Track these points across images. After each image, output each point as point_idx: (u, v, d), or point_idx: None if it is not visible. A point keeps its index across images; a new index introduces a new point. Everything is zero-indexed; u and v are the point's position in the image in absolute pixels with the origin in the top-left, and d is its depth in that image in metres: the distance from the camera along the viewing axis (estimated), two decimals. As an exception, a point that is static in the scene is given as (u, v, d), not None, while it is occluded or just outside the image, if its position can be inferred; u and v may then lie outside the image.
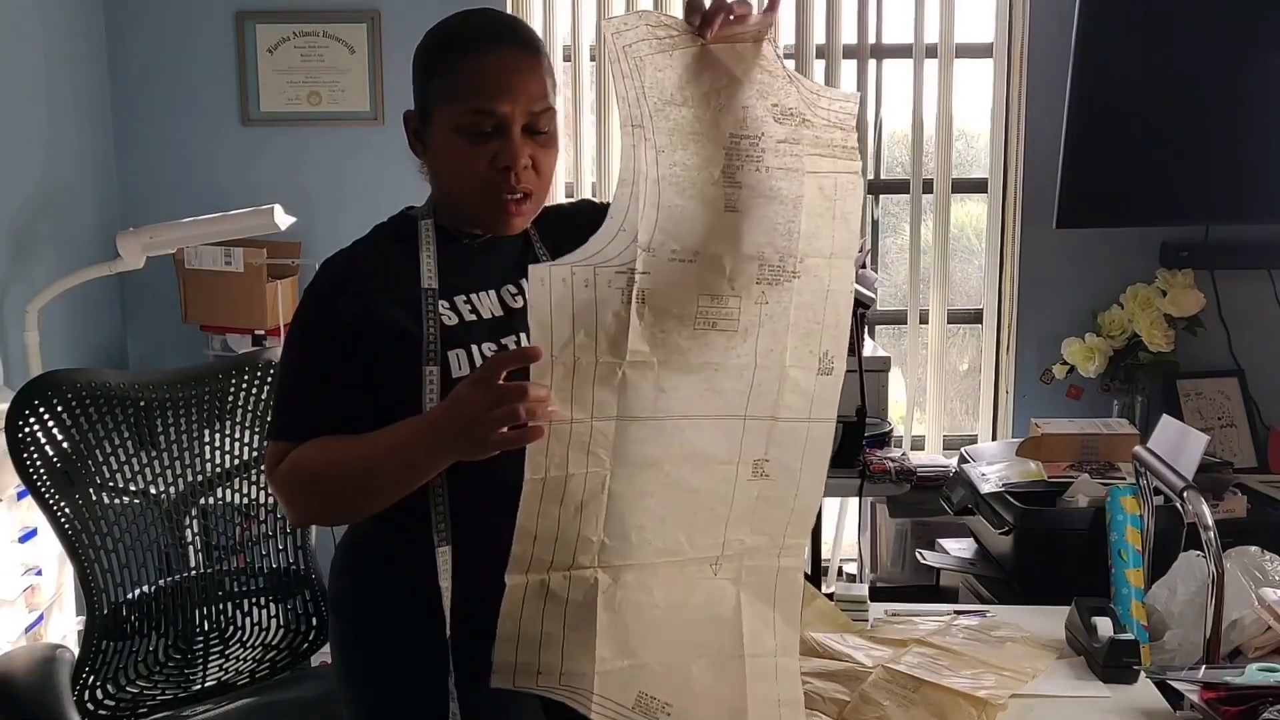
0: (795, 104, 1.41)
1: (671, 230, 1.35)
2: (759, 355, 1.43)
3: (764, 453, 1.47)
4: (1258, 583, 2.02)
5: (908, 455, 3.04)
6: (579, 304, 1.32)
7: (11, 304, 2.96)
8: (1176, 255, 3.43)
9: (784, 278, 1.42)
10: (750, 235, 1.39)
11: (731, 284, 1.39)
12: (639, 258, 1.33)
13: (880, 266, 3.71)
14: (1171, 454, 2.18)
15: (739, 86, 1.37)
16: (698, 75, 1.35)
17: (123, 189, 3.56)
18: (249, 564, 2.26)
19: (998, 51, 3.51)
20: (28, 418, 1.93)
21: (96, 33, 3.47)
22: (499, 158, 1.47)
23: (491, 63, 1.48)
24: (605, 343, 1.33)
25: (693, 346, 1.39)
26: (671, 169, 1.34)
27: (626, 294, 1.33)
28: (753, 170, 1.38)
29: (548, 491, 1.35)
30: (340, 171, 3.52)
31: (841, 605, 2.13)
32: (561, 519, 1.37)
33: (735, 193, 1.37)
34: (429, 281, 1.51)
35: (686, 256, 1.36)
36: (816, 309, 1.46)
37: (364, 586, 1.61)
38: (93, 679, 2.01)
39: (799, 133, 1.41)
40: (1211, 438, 2.83)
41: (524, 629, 1.38)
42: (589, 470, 1.36)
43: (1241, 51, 3.22)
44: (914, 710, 1.77)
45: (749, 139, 1.37)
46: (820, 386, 1.48)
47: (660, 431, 1.39)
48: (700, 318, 1.38)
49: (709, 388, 1.41)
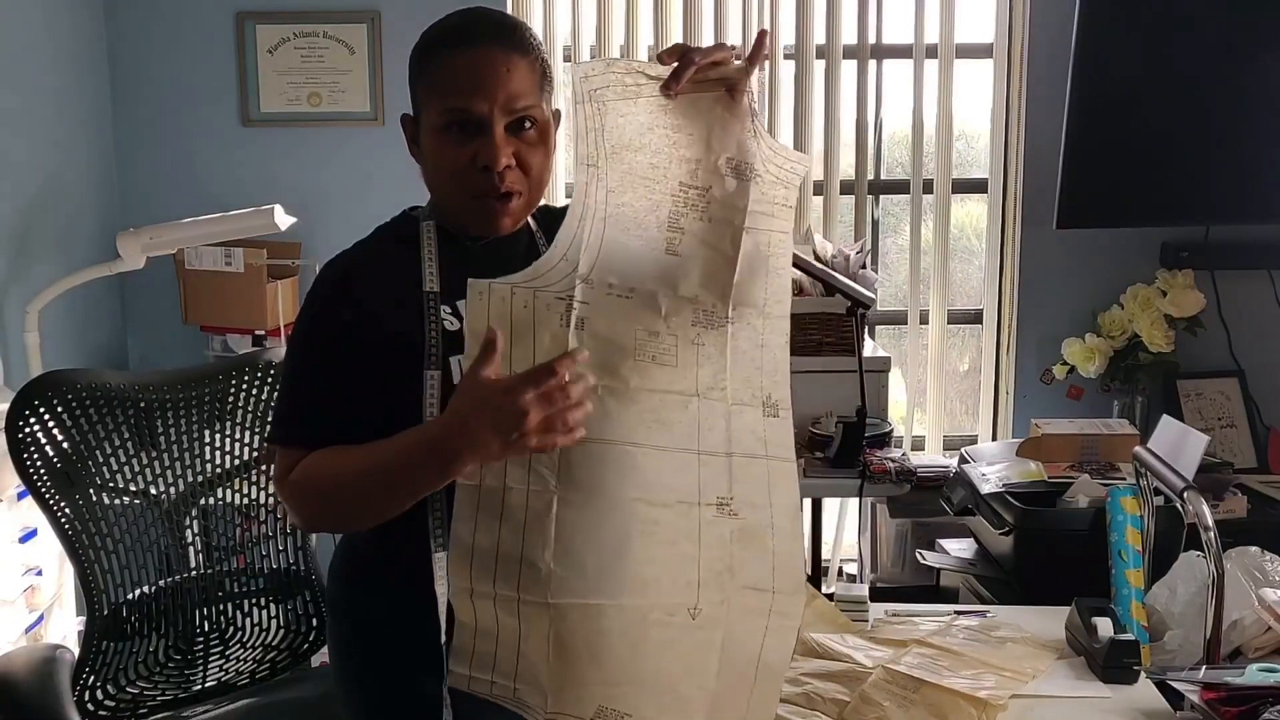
0: (750, 159, 1.44)
1: (610, 266, 1.38)
2: (700, 388, 1.45)
3: (727, 491, 1.47)
4: (1258, 583, 2.02)
5: (908, 455, 3.04)
6: (516, 322, 1.35)
7: (12, 304, 2.96)
8: (1177, 255, 3.44)
9: (717, 323, 1.45)
10: (687, 279, 1.42)
11: (667, 322, 1.42)
12: (578, 287, 1.37)
13: (880, 267, 3.71)
14: (1172, 454, 2.18)
15: (696, 138, 1.41)
16: (658, 124, 1.39)
17: (123, 189, 3.56)
18: (249, 564, 2.26)
19: (998, 52, 3.51)
20: (28, 418, 1.93)
21: (97, 33, 3.47)
22: (479, 157, 1.47)
23: (468, 60, 1.46)
24: (542, 360, 1.34)
25: (633, 375, 1.41)
26: (619, 208, 1.38)
27: (565, 319, 1.37)
28: (696, 219, 1.42)
29: (484, 502, 1.35)
30: (340, 172, 3.52)
31: (841, 606, 2.13)
32: (503, 537, 1.36)
33: (677, 237, 1.42)
34: (430, 285, 1.50)
35: (623, 291, 1.39)
36: (753, 356, 1.49)
37: (361, 589, 1.61)
38: (93, 679, 2.01)
39: (745, 189, 1.44)
40: (1212, 438, 2.83)
41: (478, 647, 1.39)
42: (530, 487, 1.37)
43: (1241, 52, 3.22)
44: (914, 711, 1.77)
45: (697, 190, 1.42)
46: (770, 428, 1.51)
47: (608, 457, 1.39)
48: (639, 350, 1.41)
49: (655, 419, 1.42)
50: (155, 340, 3.57)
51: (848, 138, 3.59)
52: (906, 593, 3.27)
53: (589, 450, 1.37)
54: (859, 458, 2.86)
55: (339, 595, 1.65)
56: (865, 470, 2.85)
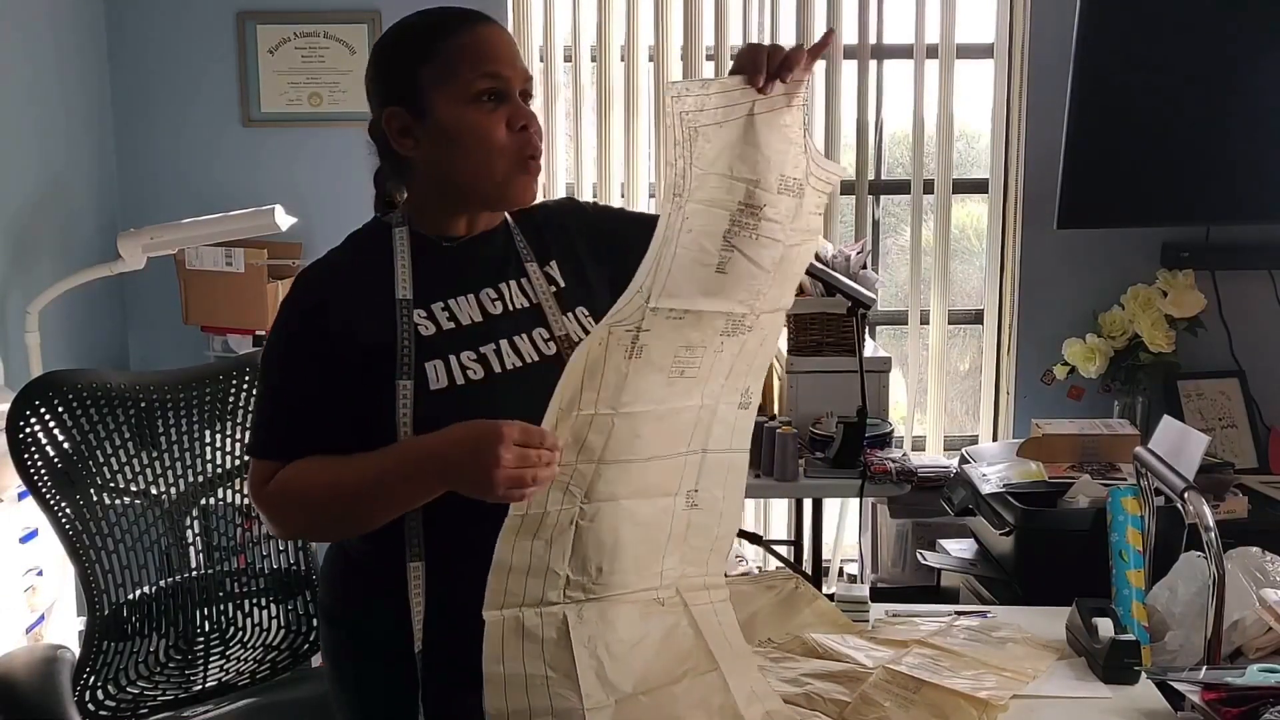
0: (799, 175, 1.44)
1: (672, 290, 1.37)
2: (704, 396, 1.47)
3: (695, 484, 1.51)
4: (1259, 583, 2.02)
5: (908, 456, 3.04)
6: (592, 360, 1.35)
7: (12, 305, 2.96)
8: (1177, 256, 3.44)
9: (742, 331, 1.46)
10: (729, 295, 1.43)
11: (703, 336, 1.43)
12: (646, 316, 1.36)
13: (881, 267, 3.71)
14: (1172, 455, 2.18)
15: (759, 159, 1.39)
16: (731, 147, 1.37)
17: (123, 190, 3.56)
18: (250, 564, 2.26)
19: (998, 52, 3.51)
20: (29, 418, 1.93)
21: (97, 33, 3.47)
22: (513, 120, 1.49)
23: (486, 34, 1.51)
24: (607, 394, 1.36)
25: (667, 394, 1.42)
26: (688, 234, 1.37)
27: (629, 350, 1.36)
28: (747, 237, 1.41)
29: (525, 526, 1.37)
30: (341, 172, 3.51)
31: (842, 606, 2.13)
32: (534, 551, 1.39)
33: (729, 255, 1.41)
34: (403, 292, 1.50)
35: (679, 314, 1.39)
36: (751, 352, 1.51)
37: (346, 595, 1.61)
38: (94, 679, 2.01)
39: (792, 204, 1.44)
40: (1212, 438, 2.83)
41: (508, 670, 1.40)
42: (563, 507, 1.39)
43: (1242, 52, 3.22)
44: (915, 711, 1.77)
45: (752, 209, 1.40)
46: (739, 418, 1.54)
47: (627, 471, 1.42)
48: (674, 367, 1.41)
49: (671, 431, 1.45)
50: (156, 340, 3.57)
51: (848, 138, 3.60)
52: (907, 593, 3.27)
53: (615, 467, 1.40)
54: (860, 458, 2.86)
55: (327, 599, 1.66)
56: (866, 470, 2.85)
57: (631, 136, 3.59)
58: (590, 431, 1.37)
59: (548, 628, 1.40)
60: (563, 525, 1.39)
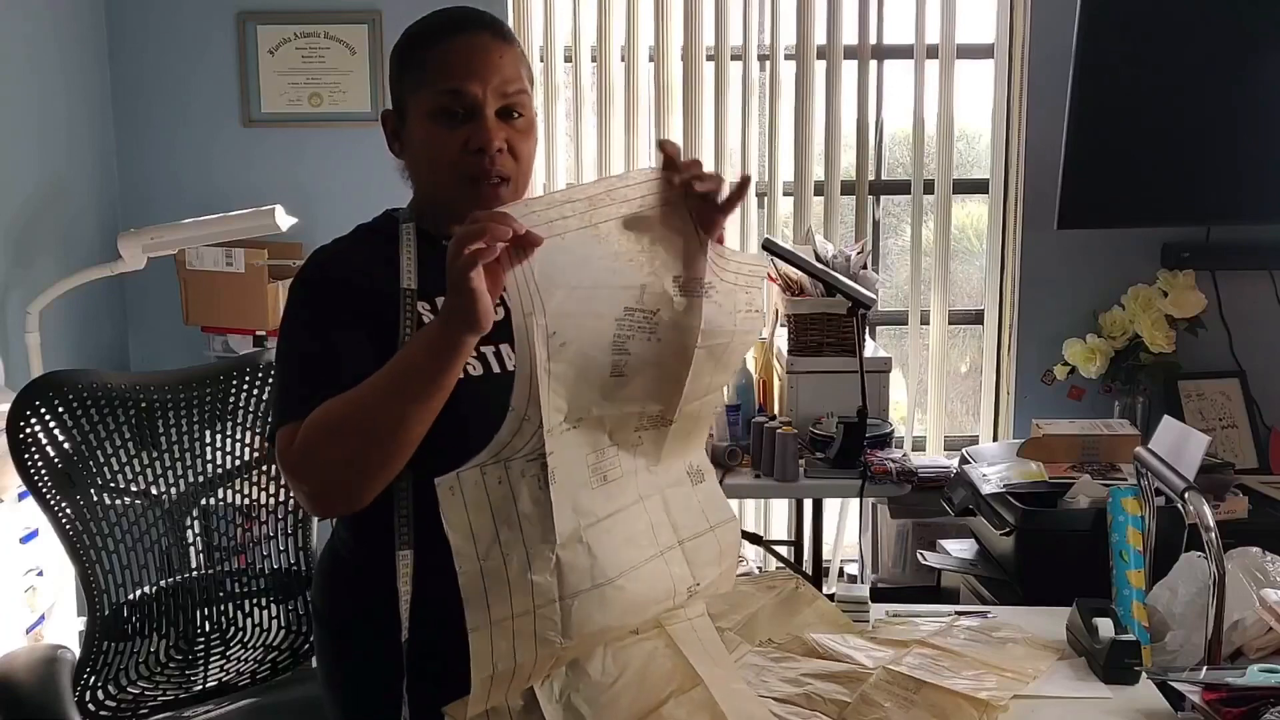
0: (700, 274, 1.36)
1: (559, 406, 1.31)
2: (641, 489, 1.41)
3: (692, 577, 1.46)
4: (1259, 584, 2.02)
5: (909, 456, 3.04)
6: (495, 501, 1.29)
7: (12, 305, 2.96)
8: (1178, 256, 3.44)
9: (661, 425, 1.41)
10: (632, 396, 1.36)
11: (611, 437, 1.37)
12: (546, 441, 1.28)
13: (881, 267, 3.71)
14: (1173, 455, 2.18)
15: (639, 264, 1.32)
16: (592, 256, 1.28)
17: (124, 190, 3.56)
18: (250, 564, 2.26)
19: (998, 52, 3.51)
20: (29, 419, 1.93)
21: (98, 33, 3.48)
22: (471, 140, 1.46)
23: (460, 45, 1.48)
24: (531, 532, 1.29)
25: (595, 504, 1.35)
26: (561, 350, 1.27)
27: (541, 479, 1.29)
28: (644, 341, 1.34)
29: (497, 679, 1.31)
30: (341, 172, 3.52)
31: (842, 606, 2.13)
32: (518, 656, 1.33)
33: (623, 360, 1.33)
34: (408, 281, 1.49)
35: (572, 423, 1.33)
36: (687, 434, 1.46)
37: (334, 592, 1.61)
38: (94, 680, 2.01)
39: (697, 305, 1.36)
40: (1213, 439, 2.83)
41: None
42: (539, 653, 1.32)
43: (1241, 52, 3.22)
44: (915, 711, 1.77)
45: (644, 313, 1.33)
46: (702, 495, 1.49)
47: (604, 598, 1.35)
48: (594, 475, 1.36)
49: (624, 538, 1.38)
50: (156, 341, 3.57)
51: (849, 138, 3.60)
52: (907, 593, 3.28)
53: (588, 598, 1.33)
54: (860, 458, 2.86)
55: (318, 598, 1.66)
56: (866, 471, 2.85)
57: (631, 136, 3.59)
58: (533, 573, 1.29)
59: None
60: (544, 660, 1.34)
